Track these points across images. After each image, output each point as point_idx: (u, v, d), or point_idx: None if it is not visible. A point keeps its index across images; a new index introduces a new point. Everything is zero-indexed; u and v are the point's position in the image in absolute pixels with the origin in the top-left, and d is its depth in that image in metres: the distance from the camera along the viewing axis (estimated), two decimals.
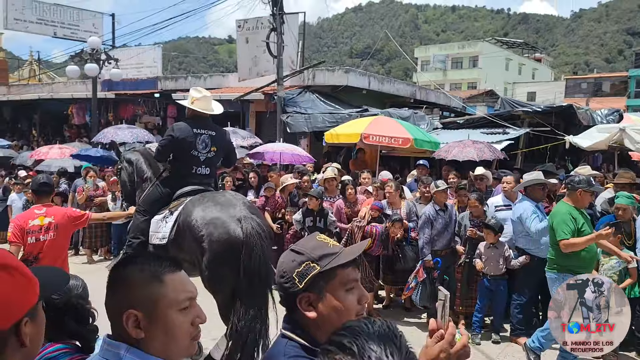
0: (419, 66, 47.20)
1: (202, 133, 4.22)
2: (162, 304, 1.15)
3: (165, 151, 4.29)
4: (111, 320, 1.18)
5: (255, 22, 14.09)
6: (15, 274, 1.03)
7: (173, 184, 4.24)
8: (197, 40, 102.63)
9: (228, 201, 3.78)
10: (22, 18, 20.89)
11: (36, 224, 3.93)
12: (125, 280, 1.17)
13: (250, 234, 3.53)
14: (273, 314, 3.41)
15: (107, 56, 13.73)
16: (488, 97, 29.19)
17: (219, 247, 3.55)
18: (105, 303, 1.20)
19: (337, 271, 1.27)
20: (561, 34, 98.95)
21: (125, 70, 17.08)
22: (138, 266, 1.18)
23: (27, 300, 1.04)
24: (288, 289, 1.29)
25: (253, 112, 15.16)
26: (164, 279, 1.17)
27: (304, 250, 1.31)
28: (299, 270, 1.27)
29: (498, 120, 10.92)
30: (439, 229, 5.85)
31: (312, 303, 1.27)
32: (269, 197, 7.42)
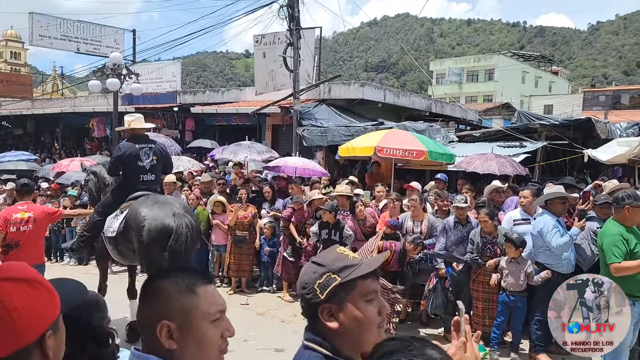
0: (434, 79, 47.19)
1: (143, 147, 5.16)
2: (195, 315, 1.17)
3: (114, 167, 5.27)
4: (143, 331, 1.20)
5: (272, 37, 14.30)
6: (38, 287, 1.06)
7: (125, 190, 5.14)
8: (215, 55, 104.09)
9: (167, 201, 4.86)
10: (47, 34, 21.51)
11: (18, 217, 4.93)
12: (160, 292, 1.19)
13: (180, 225, 4.56)
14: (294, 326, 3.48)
15: (128, 71, 14.01)
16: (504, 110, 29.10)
17: (155, 232, 4.56)
18: (138, 315, 1.22)
19: (357, 282, 1.29)
20: (578, 46, 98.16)
21: (146, 85, 17.42)
22: (172, 279, 1.20)
23: (50, 313, 1.07)
24: (310, 299, 1.31)
25: (269, 125, 15.33)
26: (197, 291, 1.19)
27: (324, 262, 1.33)
28: (320, 282, 1.30)
29: (515, 134, 10.87)
30: (453, 241, 5.84)
31: (333, 314, 1.29)
32: (296, 210, 7.49)
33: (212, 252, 8.33)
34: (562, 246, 4.90)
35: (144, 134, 5.44)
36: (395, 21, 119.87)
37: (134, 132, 5.33)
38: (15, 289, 1.03)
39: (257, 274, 8.29)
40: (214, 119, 16.58)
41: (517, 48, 77.77)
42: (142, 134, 5.38)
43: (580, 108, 36.84)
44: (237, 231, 7.69)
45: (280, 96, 13.50)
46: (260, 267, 8.22)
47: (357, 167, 11.69)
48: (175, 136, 17.15)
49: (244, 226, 7.73)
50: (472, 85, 48.70)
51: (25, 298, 1.03)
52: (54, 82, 37.59)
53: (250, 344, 5.45)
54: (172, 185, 8.78)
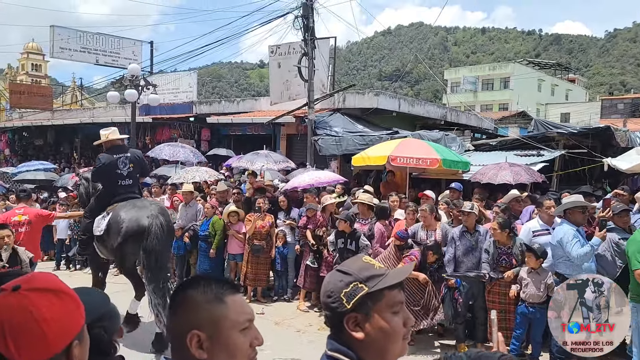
0: (449, 88, 47.03)
1: (120, 156, 5.77)
2: (224, 324, 1.17)
3: (97, 174, 5.94)
4: (172, 341, 1.21)
5: (287, 47, 14.42)
6: (65, 298, 1.09)
7: (107, 194, 5.83)
8: (230, 66, 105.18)
9: (144, 205, 5.63)
10: (67, 47, 22.00)
11: (16, 220, 5.62)
12: (188, 302, 1.19)
13: (153, 225, 5.33)
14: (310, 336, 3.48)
15: (145, 82, 14.24)
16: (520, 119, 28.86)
17: (131, 231, 5.34)
18: (167, 325, 1.23)
19: (384, 293, 1.28)
20: (595, 54, 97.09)
21: (163, 95, 17.66)
22: (200, 289, 1.20)
23: (76, 323, 1.10)
24: (335, 308, 1.29)
25: (284, 134, 15.41)
26: (226, 300, 1.19)
27: (351, 271, 1.31)
28: (346, 291, 1.28)
29: (532, 142, 10.76)
30: (462, 251, 5.80)
31: (359, 324, 1.27)
32: (310, 217, 7.60)
33: (228, 261, 8.37)
34: (582, 256, 4.82)
35: (120, 144, 6.06)
36: (409, 30, 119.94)
37: (112, 143, 5.94)
38: (43, 299, 1.05)
39: (272, 283, 8.31)
40: (229, 129, 16.72)
41: (532, 56, 77.20)
42: (118, 144, 6.01)
43: (598, 116, 36.36)
44: (254, 240, 7.72)
45: (295, 106, 13.58)
46: (275, 276, 8.23)
47: (371, 176, 11.67)
48: (192, 146, 17.33)
49: (262, 235, 7.77)
50: (488, 94, 48.39)
51: (53, 309, 1.05)
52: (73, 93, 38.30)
53: (266, 353, 5.44)
54: (190, 195, 8.86)
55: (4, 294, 1.06)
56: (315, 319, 7.00)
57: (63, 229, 10.61)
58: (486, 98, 47.84)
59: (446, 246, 6.18)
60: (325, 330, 4.68)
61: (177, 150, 12.63)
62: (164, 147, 13.14)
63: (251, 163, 10.65)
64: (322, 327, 6.62)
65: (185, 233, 8.49)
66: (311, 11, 12.22)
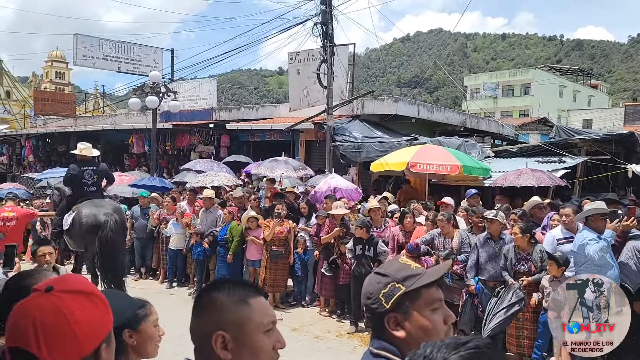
0: (469, 94, 46.66)
1: (86, 169, 7.01)
2: (249, 326, 1.19)
3: (67, 181, 7.20)
4: (197, 342, 1.23)
5: (306, 54, 14.49)
6: (96, 301, 1.11)
7: (75, 197, 7.03)
8: (249, 73, 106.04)
9: (101, 204, 6.78)
10: (90, 55, 22.44)
11: (5, 215, 6.63)
12: (214, 303, 1.21)
13: (107, 221, 6.40)
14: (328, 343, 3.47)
15: (166, 89, 14.44)
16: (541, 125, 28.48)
17: (89, 225, 6.48)
18: (191, 327, 1.24)
19: (421, 291, 1.31)
20: (618, 59, 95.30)
21: (183, 102, 17.89)
22: (225, 291, 1.22)
23: (105, 326, 1.11)
24: (375, 309, 1.33)
25: (303, 141, 15.45)
26: (250, 302, 1.22)
27: (388, 272, 1.36)
28: (384, 292, 1.33)
29: (554, 149, 10.60)
30: (485, 258, 5.75)
31: (399, 323, 1.31)
32: (321, 225, 7.67)
33: (246, 267, 8.40)
34: (598, 252, 4.77)
35: (89, 159, 7.22)
36: (429, 37, 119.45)
37: (82, 157, 7.12)
38: (75, 301, 1.07)
39: (291, 289, 8.31)
40: (248, 135, 16.83)
41: (553, 62, 76.13)
42: (88, 159, 7.18)
43: (621, 122, 35.62)
44: (272, 246, 7.75)
45: (313, 112, 13.62)
46: (294, 282, 8.24)
47: (390, 182, 11.62)
48: (211, 152, 17.49)
49: (280, 241, 7.79)
50: (508, 100, 47.85)
51: (85, 311, 1.06)
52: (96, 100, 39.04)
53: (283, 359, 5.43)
54: (210, 201, 8.94)
55: (36, 294, 1.07)
56: (333, 326, 6.97)
57: None
58: (506, 104, 47.30)
59: (463, 254, 6.14)
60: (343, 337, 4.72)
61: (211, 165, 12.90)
62: (201, 162, 13.63)
63: (270, 170, 10.69)
64: (340, 334, 6.60)
65: (205, 239, 8.56)
66: (330, 18, 12.26)
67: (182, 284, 9.39)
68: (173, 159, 18.78)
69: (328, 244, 7.47)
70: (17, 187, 15.55)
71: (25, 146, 23.94)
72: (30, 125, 29.22)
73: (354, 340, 6.30)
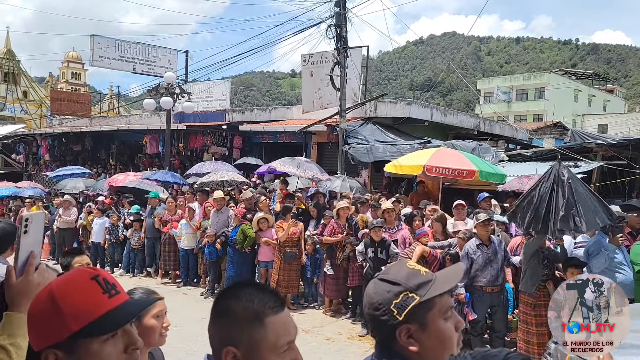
0: (482, 98, 46.36)
1: None
2: (261, 347, 1.14)
3: None
4: (212, 346, 1.21)
5: (319, 56, 14.52)
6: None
7: None
8: (262, 75, 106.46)
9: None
10: (106, 55, 22.73)
11: None
12: (228, 315, 1.17)
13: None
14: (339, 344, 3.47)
15: (180, 90, 14.56)
16: (555, 130, 28.17)
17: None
18: (209, 330, 1.22)
19: (435, 300, 1.22)
20: (635, 64, 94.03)
21: (196, 103, 18.01)
22: (242, 303, 1.16)
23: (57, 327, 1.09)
24: (386, 322, 1.22)
25: (315, 143, 15.46)
26: (266, 322, 1.15)
27: (398, 280, 1.24)
28: (396, 302, 1.22)
29: (569, 153, 10.49)
30: (481, 264, 5.70)
31: (412, 335, 1.21)
32: (326, 225, 7.70)
33: (259, 268, 8.42)
34: (597, 264, 4.85)
35: None
36: (442, 40, 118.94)
37: None
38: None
39: (302, 290, 8.32)
40: (260, 137, 16.90)
41: (568, 66, 75.43)
42: None
43: (637, 128, 35.17)
44: (286, 248, 7.77)
45: (326, 114, 13.63)
46: (304, 284, 8.24)
47: (403, 185, 11.59)
48: (223, 153, 17.59)
49: (293, 242, 7.81)
50: (522, 104, 47.46)
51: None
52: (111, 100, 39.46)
53: None
54: (222, 201, 8.98)
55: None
56: (345, 328, 6.96)
57: (97, 233, 10.90)
58: (520, 108, 46.92)
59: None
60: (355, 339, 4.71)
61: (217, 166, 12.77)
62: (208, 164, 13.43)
63: (303, 171, 10.29)
64: (352, 336, 6.59)
65: (217, 239, 8.60)
66: (344, 20, 12.28)
67: (194, 284, 9.46)
68: (186, 160, 18.91)
69: (332, 244, 7.49)
70: (33, 185, 15.80)
71: (41, 145, 24.27)
72: (46, 125, 29.63)
73: (365, 343, 6.29)
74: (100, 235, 10.90)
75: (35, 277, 1.31)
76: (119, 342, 1.12)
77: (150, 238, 10.03)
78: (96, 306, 1.09)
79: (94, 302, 1.10)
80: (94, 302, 1.10)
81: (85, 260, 4.10)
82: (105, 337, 1.10)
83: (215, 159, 16.00)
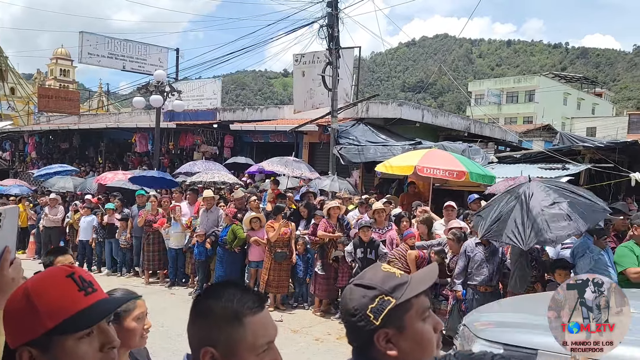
0: (473, 100, 46.64)
1: None
2: (239, 347, 1.13)
3: None
4: (191, 347, 1.20)
5: (311, 56, 14.50)
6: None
7: None
8: (254, 74, 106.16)
9: None
10: (95, 53, 22.50)
11: None
12: (207, 315, 1.16)
13: None
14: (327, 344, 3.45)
15: (170, 88, 14.46)
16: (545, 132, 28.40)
17: None
18: (188, 330, 1.21)
19: (412, 301, 1.20)
20: (623, 68, 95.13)
21: (187, 102, 17.89)
22: (221, 303, 1.15)
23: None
24: (363, 327, 1.20)
25: (306, 143, 15.44)
26: (245, 322, 1.14)
27: (373, 284, 1.21)
28: (372, 306, 1.19)
29: (557, 155, 10.57)
30: (477, 262, 5.74)
31: (390, 339, 1.19)
32: (317, 224, 7.71)
33: (249, 268, 8.38)
34: (582, 266, 4.94)
35: None
36: (434, 42, 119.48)
37: None
38: None
39: (292, 290, 8.30)
40: (251, 136, 16.84)
41: (558, 69, 76.08)
42: None
43: (625, 131, 35.55)
44: (277, 248, 7.73)
45: (318, 114, 13.61)
46: (295, 284, 8.22)
47: (394, 185, 11.60)
48: (214, 152, 17.50)
49: (284, 242, 7.78)
50: (512, 107, 47.85)
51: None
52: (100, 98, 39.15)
53: None
54: (212, 200, 8.92)
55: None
56: (334, 328, 6.94)
57: (85, 231, 10.78)
58: (510, 111, 47.30)
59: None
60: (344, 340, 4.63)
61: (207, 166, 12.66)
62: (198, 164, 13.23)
63: (291, 170, 10.38)
64: (341, 336, 6.57)
65: (207, 239, 8.55)
66: (336, 21, 12.27)
67: (182, 284, 9.39)
68: (176, 159, 18.79)
69: (324, 244, 7.47)
70: (19, 183, 15.61)
71: (28, 143, 24.00)
72: (33, 122, 29.32)
73: None
74: (88, 233, 10.78)
75: (10, 272, 1.27)
76: (95, 340, 1.11)
77: (139, 237, 9.94)
78: (71, 303, 1.08)
79: (69, 299, 1.09)
80: (69, 299, 1.09)
81: (69, 260, 4.02)
82: (81, 335, 1.08)
83: (206, 158, 15.91)
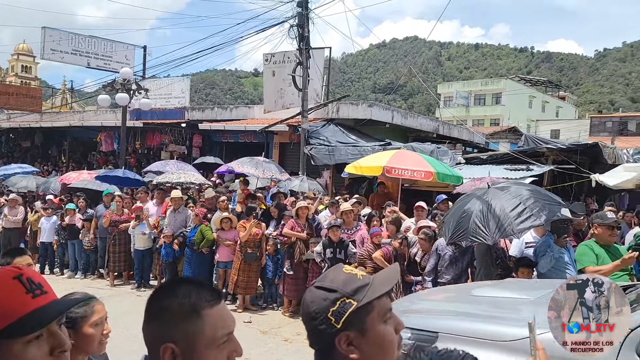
0: (442, 102, 47.41)
1: None
2: (199, 340, 1.12)
3: None
4: (148, 348, 1.16)
5: (282, 56, 14.45)
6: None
7: None
8: (223, 73, 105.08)
9: None
10: (58, 49, 21.83)
11: None
12: (164, 312, 1.14)
13: None
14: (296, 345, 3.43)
15: (137, 86, 14.18)
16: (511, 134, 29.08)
17: None
18: (143, 330, 1.17)
19: (373, 303, 1.18)
20: (585, 73, 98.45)
21: (154, 100, 17.57)
22: (177, 299, 1.14)
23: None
24: (324, 330, 1.18)
25: (277, 143, 15.38)
26: (202, 314, 1.13)
27: (334, 286, 1.20)
28: (333, 309, 1.17)
29: (522, 157, 10.85)
30: (447, 261, 5.83)
31: (352, 342, 1.17)
32: (285, 224, 7.65)
33: (217, 269, 8.27)
34: (543, 265, 5.08)
35: None
36: (404, 44, 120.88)
37: None
38: None
39: (261, 291, 8.23)
40: (221, 136, 16.66)
41: (524, 73, 78.10)
42: None
43: (587, 134, 36.80)
44: (247, 248, 7.65)
45: (288, 114, 13.57)
46: (264, 284, 8.16)
47: (364, 186, 11.66)
48: (182, 152, 17.24)
49: (255, 243, 7.71)
50: (479, 109, 48.87)
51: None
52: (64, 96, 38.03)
53: None
54: (179, 200, 8.78)
55: None
56: (303, 328, 6.88)
57: (48, 233, 10.45)
58: (478, 113, 48.29)
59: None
60: None
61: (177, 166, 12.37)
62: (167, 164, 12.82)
63: (262, 171, 10.33)
64: None
65: (175, 239, 8.40)
66: (307, 21, 12.27)
67: (149, 286, 9.19)
68: (142, 158, 18.43)
69: (292, 243, 7.43)
70: None
71: None
72: None
73: None
74: (50, 235, 10.44)
75: None
76: (44, 344, 1.07)
77: (104, 238, 9.69)
78: (19, 305, 1.04)
79: (16, 302, 1.04)
80: (16, 302, 1.04)
81: (27, 261, 3.84)
82: (29, 339, 1.04)
83: (176, 158, 15.66)
